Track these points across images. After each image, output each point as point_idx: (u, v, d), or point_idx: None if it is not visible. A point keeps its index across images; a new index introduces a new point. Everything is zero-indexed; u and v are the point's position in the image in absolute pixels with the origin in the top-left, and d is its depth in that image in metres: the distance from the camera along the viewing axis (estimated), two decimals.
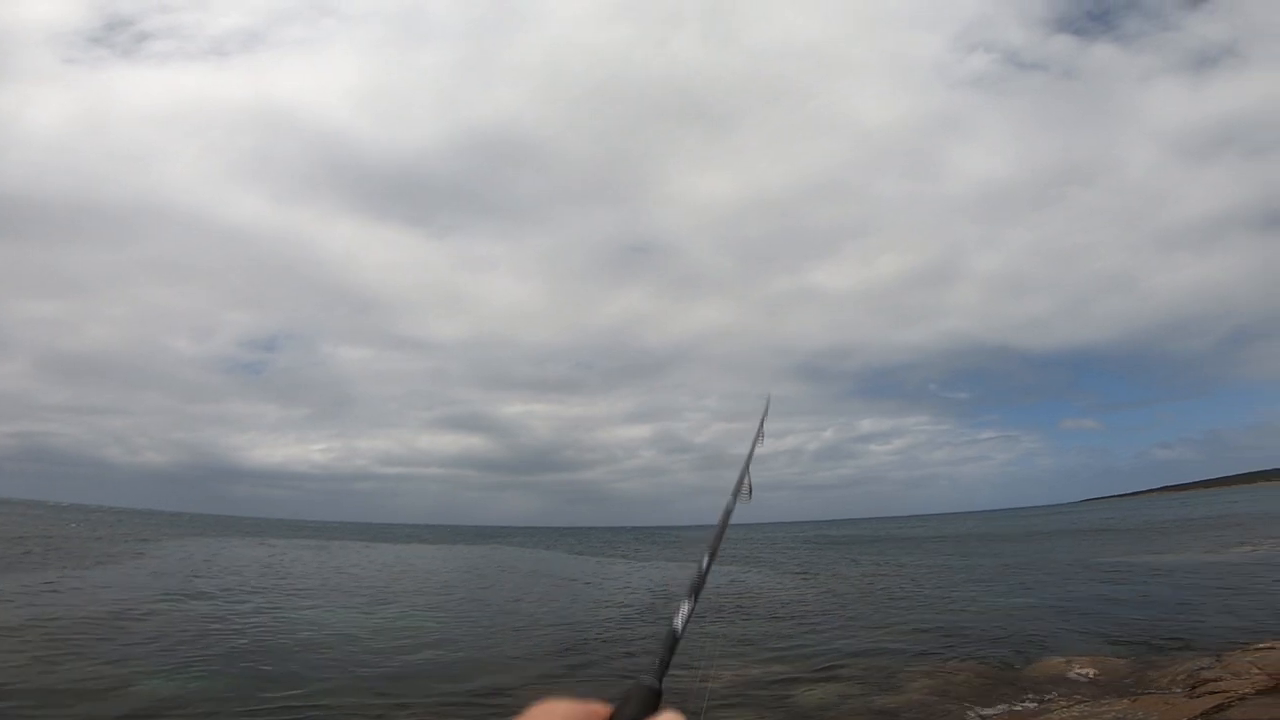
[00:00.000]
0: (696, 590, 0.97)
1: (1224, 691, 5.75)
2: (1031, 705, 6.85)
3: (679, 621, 0.95)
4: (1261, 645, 7.23)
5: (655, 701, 0.93)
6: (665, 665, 0.95)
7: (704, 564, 0.97)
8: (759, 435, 1.22)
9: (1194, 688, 6.29)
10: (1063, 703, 6.85)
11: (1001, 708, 7.06)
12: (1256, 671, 6.16)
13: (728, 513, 1.00)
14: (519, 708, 0.75)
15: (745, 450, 1.31)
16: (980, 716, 6.91)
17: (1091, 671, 7.83)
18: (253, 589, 18.76)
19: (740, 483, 1.06)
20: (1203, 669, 6.68)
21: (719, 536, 0.97)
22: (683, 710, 0.97)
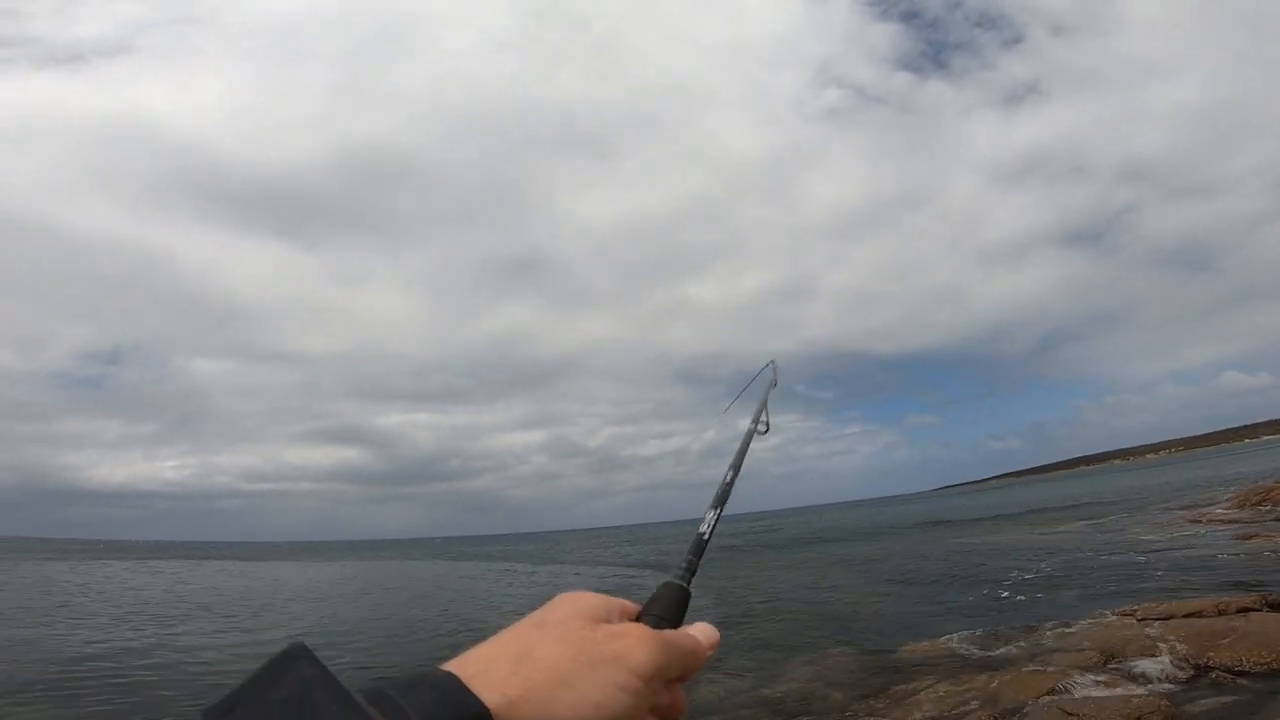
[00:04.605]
0: (722, 501, 1.06)
1: (1064, 665, 6.48)
2: (903, 687, 7.39)
3: (705, 528, 1.05)
4: (1087, 619, 8.21)
5: (685, 601, 1.06)
6: (693, 569, 1.06)
7: (728, 478, 1.06)
8: (774, 382, 1.38)
9: (1037, 658, 7.04)
10: (929, 681, 7.44)
11: (875, 691, 7.58)
12: (1087, 645, 7.00)
13: (749, 436, 1.13)
14: None
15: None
16: (857, 700, 7.39)
17: (953, 651, 8.56)
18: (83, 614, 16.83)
19: (757, 417, 1.17)
20: (1044, 643, 7.49)
21: (741, 454, 1.07)
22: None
